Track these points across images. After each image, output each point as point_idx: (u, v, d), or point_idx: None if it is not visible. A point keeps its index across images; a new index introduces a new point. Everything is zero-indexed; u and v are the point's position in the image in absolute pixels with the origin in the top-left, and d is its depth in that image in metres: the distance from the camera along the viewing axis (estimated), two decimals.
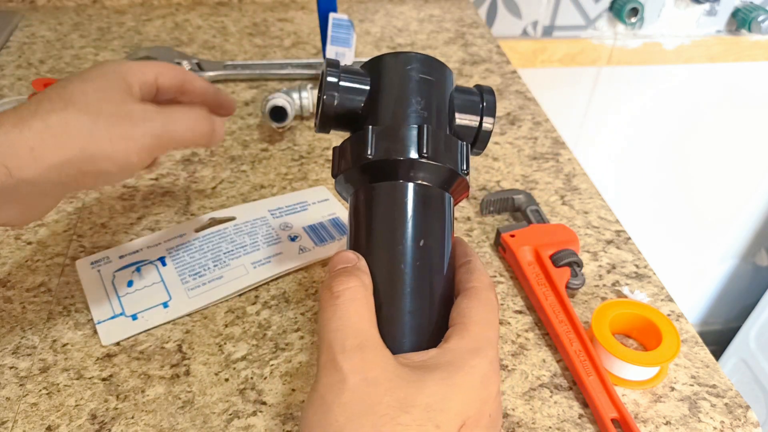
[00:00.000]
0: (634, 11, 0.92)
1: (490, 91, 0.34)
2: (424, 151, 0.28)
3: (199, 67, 0.66)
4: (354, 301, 0.26)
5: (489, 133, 0.33)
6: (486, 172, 0.56)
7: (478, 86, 0.34)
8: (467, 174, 0.30)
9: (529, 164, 0.57)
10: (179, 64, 0.65)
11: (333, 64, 0.31)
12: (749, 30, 0.96)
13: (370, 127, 0.29)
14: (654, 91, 1.04)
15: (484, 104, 0.33)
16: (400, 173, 0.29)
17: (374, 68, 0.32)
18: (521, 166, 0.57)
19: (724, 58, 1.01)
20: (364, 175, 0.30)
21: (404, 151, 0.28)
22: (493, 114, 0.33)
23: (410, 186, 0.29)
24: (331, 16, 0.61)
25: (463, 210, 0.51)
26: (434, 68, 0.32)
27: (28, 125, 0.29)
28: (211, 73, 0.66)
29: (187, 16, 0.81)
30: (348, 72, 0.31)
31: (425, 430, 0.23)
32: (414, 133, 0.29)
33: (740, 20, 0.97)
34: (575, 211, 0.52)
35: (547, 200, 0.53)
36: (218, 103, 0.40)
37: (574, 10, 0.93)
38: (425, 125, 0.29)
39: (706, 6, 0.96)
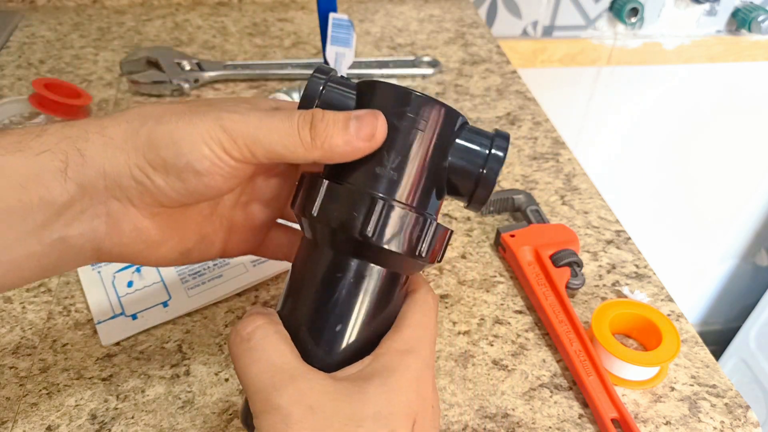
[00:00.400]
0: (634, 11, 0.92)
1: (502, 146, 0.28)
2: (368, 230, 0.25)
3: (199, 67, 0.66)
4: (267, 338, 0.25)
5: (488, 195, 0.28)
6: None
7: (495, 133, 0.29)
8: (426, 256, 0.27)
9: (529, 164, 0.57)
10: (179, 64, 0.65)
11: (323, 71, 0.28)
12: (749, 30, 0.96)
13: (326, 182, 0.26)
14: (654, 91, 1.04)
15: (484, 171, 0.28)
16: (339, 245, 0.27)
17: (365, 92, 0.28)
18: (521, 166, 0.57)
19: (724, 58, 1.01)
20: (309, 230, 0.28)
21: (348, 227, 0.25)
22: (494, 178, 0.28)
23: (352, 264, 0.27)
24: (331, 16, 0.61)
25: (463, 210, 0.51)
26: (430, 116, 0.27)
27: (110, 115, 0.27)
28: (211, 73, 0.66)
29: (187, 16, 0.81)
30: (337, 83, 0.28)
31: None
32: (364, 206, 0.25)
33: (740, 20, 0.97)
34: (575, 211, 0.52)
35: (547, 200, 0.53)
36: None
37: (574, 10, 0.93)
38: (379, 199, 0.25)
39: (706, 6, 0.96)
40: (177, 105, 0.27)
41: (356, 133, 0.26)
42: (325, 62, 0.63)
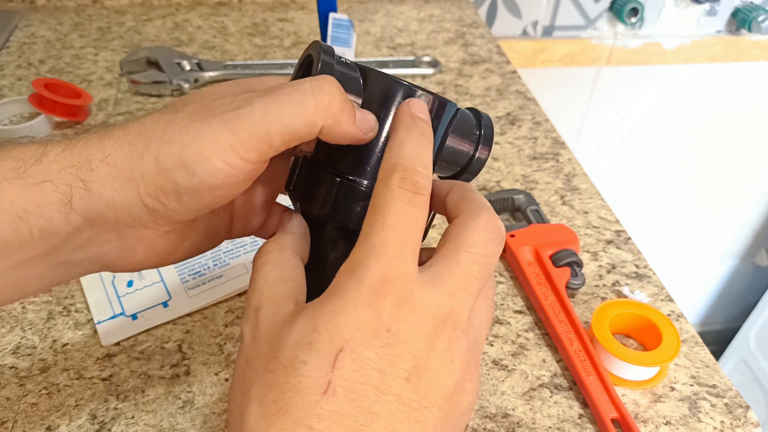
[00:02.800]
0: (634, 11, 0.92)
1: (489, 120, 0.31)
2: (317, 204, 0.27)
3: (199, 67, 0.66)
4: (264, 266, 0.25)
5: (483, 163, 0.30)
6: (486, 172, 0.56)
7: (475, 111, 0.30)
8: None
9: (529, 164, 0.57)
10: (179, 64, 0.65)
11: (329, 51, 0.27)
12: (749, 30, 0.96)
13: (301, 158, 0.28)
14: (654, 91, 1.04)
15: (482, 132, 0.30)
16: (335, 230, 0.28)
17: (371, 81, 0.28)
18: (521, 166, 0.57)
19: (724, 58, 1.01)
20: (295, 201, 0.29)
21: (311, 202, 0.27)
22: (489, 144, 0.30)
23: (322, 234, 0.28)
24: (331, 16, 0.61)
25: None
26: (433, 111, 0.27)
27: (110, 134, 0.24)
28: (211, 73, 0.66)
29: (187, 16, 0.81)
30: (342, 65, 0.27)
31: (292, 369, 0.20)
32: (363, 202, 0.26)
33: (740, 20, 0.97)
34: (575, 211, 0.52)
35: (547, 200, 0.53)
36: None
37: (574, 10, 0.93)
38: (339, 178, 0.26)
39: (706, 6, 0.96)
40: (176, 113, 0.25)
41: (360, 122, 0.25)
42: None
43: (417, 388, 0.21)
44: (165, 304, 0.41)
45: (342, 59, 0.27)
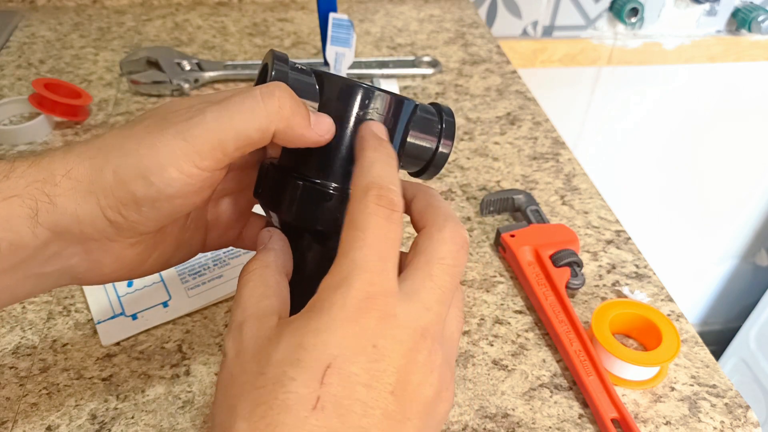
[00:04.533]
0: (634, 11, 0.92)
1: (450, 112, 0.31)
2: (284, 208, 0.27)
3: (199, 67, 0.66)
4: (248, 284, 0.25)
5: (446, 157, 0.30)
6: (486, 172, 0.56)
7: (436, 106, 0.31)
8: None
9: (529, 164, 0.57)
10: (179, 64, 0.65)
11: (281, 58, 0.27)
12: (749, 30, 0.96)
13: (267, 164, 0.28)
14: (654, 91, 1.04)
15: (444, 126, 0.30)
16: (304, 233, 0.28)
17: (325, 85, 0.28)
18: (521, 166, 0.57)
19: (724, 58, 1.01)
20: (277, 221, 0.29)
21: (278, 207, 0.27)
22: (452, 137, 0.30)
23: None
24: (331, 16, 0.61)
25: (463, 210, 0.51)
26: (386, 109, 0.28)
27: (73, 150, 0.25)
28: (211, 73, 0.66)
29: (187, 16, 0.81)
30: (297, 71, 0.27)
31: (281, 385, 0.20)
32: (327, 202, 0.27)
33: (740, 20, 0.97)
34: (575, 211, 0.52)
35: (547, 200, 0.53)
36: None
37: (574, 10, 0.93)
38: (302, 181, 0.27)
39: (706, 6, 0.96)
40: (134, 127, 0.25)
41: (315, 125, 0.26)
42: (326, 63, 0.63)
43: (401, 401, 0.21)
44: (165, 304, 0.41)
45: (297, 65, 0.27)
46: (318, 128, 0.26)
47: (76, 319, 0.41)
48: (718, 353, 1.38)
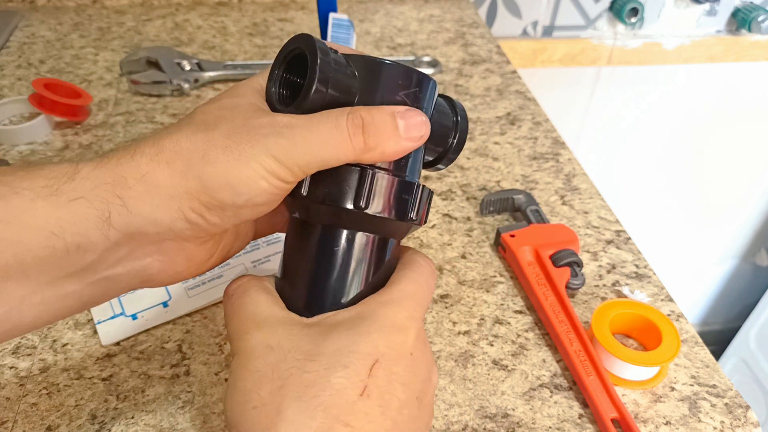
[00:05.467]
0: (634, 11, 0.92)
1: (462, 107, 0.31)
2: (361, 202, 0.26)
3: (199, 67, 0.66)
4: (246, 293, 0.27)
5: (459, 150, 0.31)
6: (486, 172, 0.56)
7: (446, 97, 0.31)
8: (417, 220, 0.28)
9: (529, 164, 0.57)
10: (179, 64, 0.65)
11: (325, 50, 0.26)
12: (749, 30, 0.96)
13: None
14: (654, 91, 1.04)
15: (459, 117, 0.30)
16: (333, 219, 0.27)
17: (362, 70, 0.27)
18: (521, 166, 0.57)
19: (724, 58, 1.01)
20: (302, 208, 0.28)
21: (340, 200, 0.26)
22: (465, 131, 0.31)
23: (343, 234, 0.27)
24: (331, 16, 0.61)
25: (463, 210, 0.51)
26: (425, 88, 0.28)
27: (141, 151, 0.25)
28: (211, 73, 0.66)
29: (187, 16, 0.81)
30: (337, 62, 0.27)
31: (333, 371, 0.23)
32: (354, 177, 0.26)
33: (740, 20, 0.97)
34: (575, 211, 0.52)
35: (547, 200, 0.53)
36: None
37: (574, 10, 0.93)
38: (369, 170, 0.26)
39: (706, 6, 0.96)
40: (212, 131, 0.25)
41: (406, 134, 0.26)
42: None
43: (420, 409, 0.25)
44: (165, 304, 0.41)
45: (336, 57, 0.26)
46: (410, 134, 0.26)
47: (76, 319, 0.41)
48: (718, 353, 1.38)
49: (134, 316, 0.40)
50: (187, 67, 0.65)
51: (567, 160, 0.58)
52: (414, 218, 0.28)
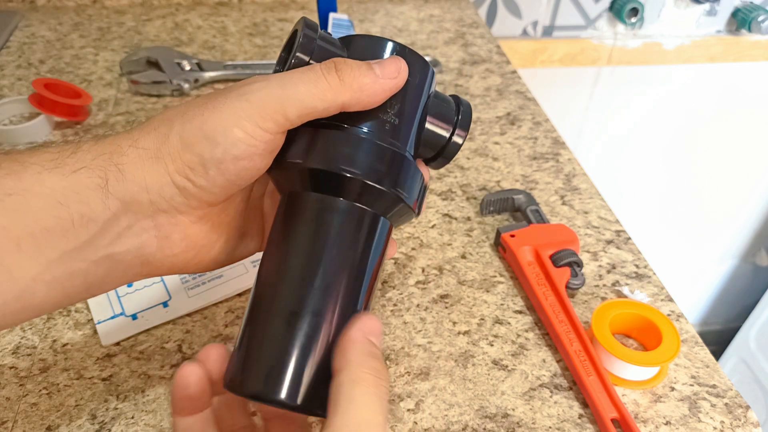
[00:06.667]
0: (634, 11, 0.92)
1: (468, 105, 0.31)
2: (377, 177, 0.26)
3: (199, 67, 0.66)
4: None
5: (458, 147, 0.31)
6: (486, 172, 0.56)
7: (455, 96, 0.32)
8: (418, 210, 0.29)
9: (529, 164, 0.57)
10: (179, 64, 0.65)
11: (311, 26, 0.28)
12: (749, 30, 0.96)
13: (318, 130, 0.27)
14: (654, 91, 1.04)
15: (460, 117, 0.30)
16: (340, 189, 0.27)
17: (353, 45, 0.29)
18: (521, 166, 0.57)
19: (724, 58, 1.01)
20: (302, 180, 0.28)
21: (354, 165, 0.26)
22: (466, 128, 0.30)
23: (344, 205, 0.27)
24: (331, 16, 0.61)
25: (463, 210, 0.51)
26: (417, 66, 0.29)
27: (137, 127, 0.26)
28: (211, 73, 0.66)
29: (187, 16, 0.81)
30: (325, 40, 0.28)
31: None
32: (372, 149, 0.26)
33: (740, 20, 0.97)
34: (575, 211, 0.52)
35: (547, 200, 0.53)
36: None
37: (574, 10, 0.93)
38: (391, 148, 0.27)
39: (706, 6, 0.96)
40: (197, 99, 0.27)
41: (382, 72, 0.26)
42: None
43: None
44: (165, 304, 0.41)
45: (326, 35, 0.28)
46: (386, 72, 0.27)
47: (76, 319, 0.41)
48: (718, 353, 1.38)
49: (134, 316, 0.40)
50: (187, 67, 0.65)
51: (567, 160, 0.58)
52: (417, 209, 0.28)
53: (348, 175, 0.26)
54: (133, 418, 0.35)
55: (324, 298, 0.26)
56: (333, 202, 0.27)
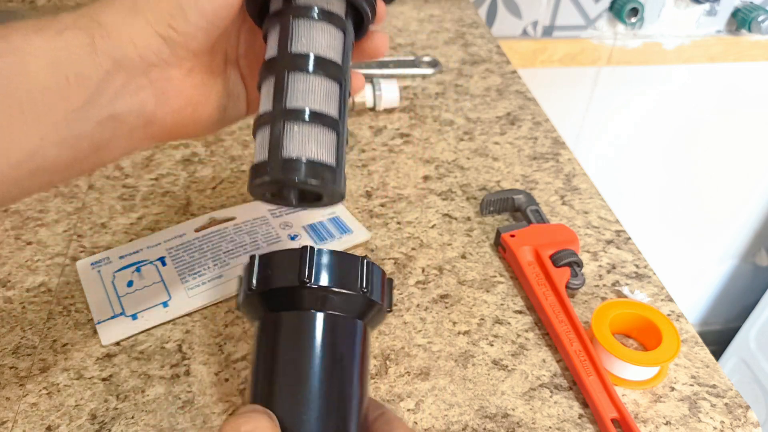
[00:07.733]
0: (634, 11, 0.92)
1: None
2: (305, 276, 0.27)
3: None
4: None
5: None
6: (486, 172, 0.56)
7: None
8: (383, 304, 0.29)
9: (529, 164, 0.57)
10: None
11: None
12: (749, 30, 0.96)
13: (257, 255, 0.28)
14: (654, 91, 1.04)
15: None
16: (293, 302, 0.27)
17: None
18: (521, 166, 0.57)
19: (724, 58, 1.01)
20: (262, 305, 0.29)
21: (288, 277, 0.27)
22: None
23: (315, 316, 0.27)
24: None
25: (463, 210, 0.51)
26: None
27: None
28: None
29: None
30: None
31: None
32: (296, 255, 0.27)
33: (740, 20, 0.97)
34: (575, 211, 0.52)
35: (547, 200, 0.53)
36: None
37: (574, 10, 0.93)
38: (308, 247, 0.27)
39: (706, 6, 0.96)
40: None
41: None
42: None
43: None
44: (165, 304, 0.41)
45: None
46: None
47: (76, 319, 0.41)
48: (718, 353, 1.38)
49: (134, 316, 0.40)
50: None
51: (567, 160, 0.58)
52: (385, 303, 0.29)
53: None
54: (133, 418, 0.35)
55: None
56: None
